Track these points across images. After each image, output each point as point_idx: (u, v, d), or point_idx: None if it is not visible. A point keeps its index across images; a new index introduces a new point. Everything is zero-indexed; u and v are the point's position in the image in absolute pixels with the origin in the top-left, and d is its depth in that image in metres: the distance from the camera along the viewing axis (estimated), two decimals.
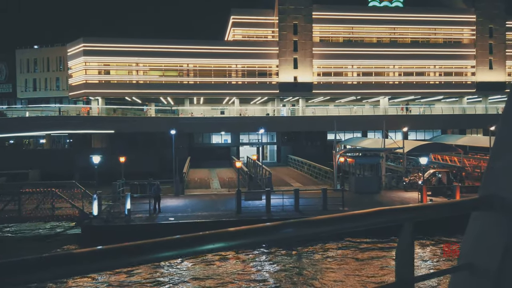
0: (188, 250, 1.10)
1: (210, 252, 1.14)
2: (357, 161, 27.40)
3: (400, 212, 1.53)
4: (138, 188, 26.50)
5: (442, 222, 17.95)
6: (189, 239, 1.10)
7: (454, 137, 46.35)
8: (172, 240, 1.08)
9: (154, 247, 1.05)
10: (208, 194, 27.38)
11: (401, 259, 1.53)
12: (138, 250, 1.04)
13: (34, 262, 0.94)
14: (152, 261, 1.07)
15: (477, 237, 1.73)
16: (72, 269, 0.98)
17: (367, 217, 1.46)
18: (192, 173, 38.02)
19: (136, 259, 1.05)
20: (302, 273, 15.93)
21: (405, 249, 1.52)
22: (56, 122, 43.33)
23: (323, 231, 1.39)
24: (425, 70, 52.92)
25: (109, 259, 1.02)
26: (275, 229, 1.26)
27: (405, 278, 1.50)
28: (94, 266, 1.01)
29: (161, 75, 48.14)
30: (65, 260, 0.97)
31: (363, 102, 57.43)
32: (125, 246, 1.03)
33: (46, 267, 0.95)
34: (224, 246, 1.15)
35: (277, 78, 49.47)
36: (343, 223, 1.41)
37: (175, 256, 1.09)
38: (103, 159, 35.57)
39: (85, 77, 46.88)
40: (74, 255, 0.99)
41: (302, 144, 48.76)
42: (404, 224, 1.53)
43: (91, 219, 20.04)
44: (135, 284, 14.83)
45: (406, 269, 1.51)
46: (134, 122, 44.00)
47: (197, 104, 55.27)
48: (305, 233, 1.32)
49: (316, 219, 1.35)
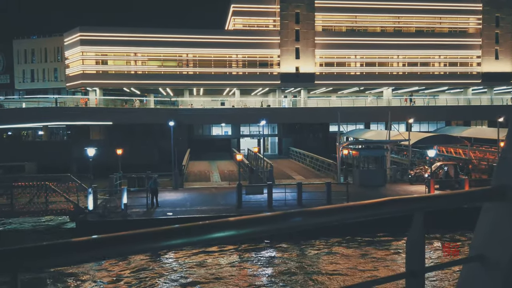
0: (197, 238, 1.11)
1: (218, 240, 1.14)
2: (361, 154, 26.58)
3: (411, 201, 1.51)
4: (136, 182, 25.73)
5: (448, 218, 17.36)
6: (198, 227, 1.11)
7: (459, 128, 45.48)
8: (182, 228, 1.09)
9: (166, 234, 1.07)
10: (208, 188, 26.63)
11: (411, 250, 1.52)
12: (150, 237, 1.06)
13: (59, 247, 0.99)
14: (164, 248, 1.08)
15: (489, 228, 1.71)
16: (84, 256, 1.03)
17: (378, 206, 1.43)
18: (192, 165, 37.27)
19: (148, 246, 1.06)
20: (307, 267, 15.56)
21: (416, 239, 1.50)
22: (53, 113, 42.47)
23: (332, 220, 1.36)
24: (430, 60, 51.79)
25: (121, 245, 1.04)
26: (283, 218, 1.25)
27: (415, 268, 1.49)
28: (103, 253, 1.04)
29: (160, 66, 47.11)
30: (80, 246, 1.01)
31: (366, 93, 56.42)
32: (138, 233, 1.05)
33: (70, 251, 1.00)
34: (233, 235, 1.15)
35: (279, 69, 48.43)
36: (353, 212, 1.39)
37: (185, 244, 1.10)
38: (101, 151, 34.95)
39: (82, 67, 45.88)
40: (81, 242, 1.02)
41: (303, 136, 47.95)
42: (415, 214, 1.51)
43: (86, 213, 19.32)
44: (134, 282, 14.16)
45: (417, 259, 1.50)
46: (132, 114, 43.15)
47: (197, 95, 54.32)
48: (314, 222, 1.31)
49: (325, 209, 1.34)
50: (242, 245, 17.72)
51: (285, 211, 1.27)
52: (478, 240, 1.74)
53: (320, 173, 31.85)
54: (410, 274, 1.51)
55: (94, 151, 20.28)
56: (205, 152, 43.74)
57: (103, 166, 28.03)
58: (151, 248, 1.08)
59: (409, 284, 1.52)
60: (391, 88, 52.39)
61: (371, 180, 25.77)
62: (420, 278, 1.51)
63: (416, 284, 1.51)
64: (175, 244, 1.11)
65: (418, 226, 1.52)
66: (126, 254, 1.08)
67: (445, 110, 49.82)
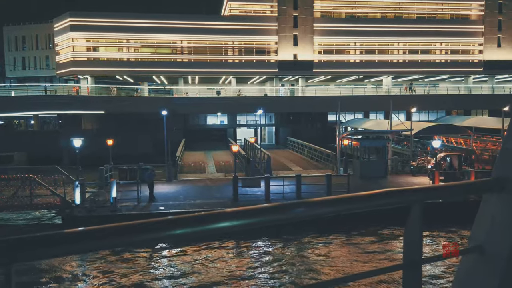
0: (201, 227, 1.12)
1: (223, 230, 1.16)
2: (362, 144, 25.58)
3: (411, 192, 1.50)
4: (127, 173, 24.64)
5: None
6: (202, 217, 1.13)
7: (460, 118, 44.55)
8: (187, 218, 1.11)
9: (172, 224, 1.09)
10: (202, 179, 25.62)
11: (409, 240, 1.52)
12: (158, 226, 1.07)
13: (56, 237, 1.00)
14: (170, 238, 1.10)
15: (489, 219, 1.69)
16: (82, 246, 1.04)
17: (378, 197, 1.44)
18: (187, 156, 36.20)
19: (151, 236, 1.07)
20: (305, 261, 15.30)
21: (414, 230, 1.50)
22: (42, 102, 41.04)
23: (334, 210, 1.38)
24: (431, 48, 50.54)
25: (128, 235, 1.04)
26: (287, 208, 1.27)
27: (413, 259, 1.50)
28: (111, 242, 1.06)
29: (153, 53, 45.56)
30: (86, 235, 1.02)
31: (365, 82, 55.23)
32: (144, 223, 1.06)
33: (78, 240, 1.01)
34: (237, 225, 1.16)
35: (276, 56, 47.04)
36: (353, 203, 1.40)
37: (190, 234, 1.11)
38: (93, 141, 33.80)
39: (73, 54, 44.27)
40: (78, 233, 1.02)
41: (301, 126, 46.90)
42: (414, 205, 1.50)
43: (73, 208, 18.25)
44: (132, 278, 13.21)
45: (414, 250, 1.51)
46: (125, 103, 41.81)
47: (192, 83, 52.92)
48: (316, 212, 1.32)
49: (327, 199, 1.36)
50: (240, 240, 16.90)
51: (288, 202, 1.28)
52: (478, 232, 1.72)
53: (319, 164, 30.90)
54: (407, 265, 1.51)
55: (80, 142, 19.09)
56: (200, 142, 42.66)
57: (95, 157, 26.95)
58: (154, 238, 1.07)
59: (406, 275, 1.52)
60: (391, 76, 51.22)
61: (372, 172, 24.85)
62: (418, 269, 1.51)
63: (413, 275, 1.51)
64: (179, 234, 1.09)
65: (416, 217, 1.50)
66: (130, 245, 1.06)
67: (446, 99, 48.80)
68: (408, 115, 44.53)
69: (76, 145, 18.91)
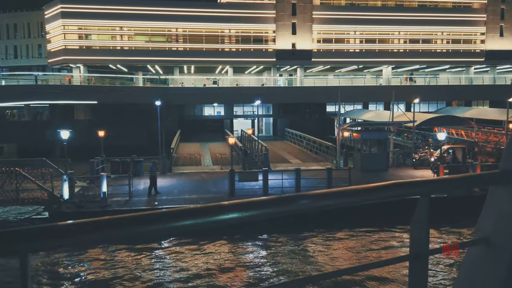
0: (203, 219, 1.13)
1: (225, 222, 1.15)
2: (363, 136, 24.71)
3: (418, 185, 1.51)
4: (120, 166, 23.71)
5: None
6: (205, 209, 1.14)
7: (461, 109, 43.73)
8: (190, 210, 1.13)
9: (175, 216, 1.10)
10: (198, 172, 24.71)
11: (415, 232, 1.52)
12: (160, 218, 1.08)
13: (70, 227, 1.02)
14: (172, 229, 1.10)
15: (495, 212, 1.69)
16: (93, 236, 1.04)
17: (384, 189, 1.43)
18: (182, 147, 35.25)
19: (157, 227, 1.08)
20: (307, 255, 14.98)
21: (421, 222, 1.51)
22: (33, 91, 39.76)
23: (338, 203, 1.37)
24: (432, 37, 49.46)
25: (131, 226, 1.05)
26: (291, 201, 1.27)
27: (419, 251, 1.51)
28: (112, 233, 1.06)
29: (147, 41, 44.22)
30: (89, 227, 1.03)
31: (364, 72, 54.17)
32: (148, 214, 1.08)
33: (80, 231, 1.03)
34: (239, 217, 1.16)
35: (274, 45, 45.83)
36: (359, 195, 1.39)
37: (193, 225, 1.11)
38: (86, 132, 32.71)
39: (64, 42, 42.85)
40: (90, 223, 1.04)
41: (300, 117, 45.95)
42: (420, 197, 1.51)
43: (61, 203, 17.33)
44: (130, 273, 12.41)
45: (421, 242, 1.51)
46: (118, 93, 40.61)
47: (188, 73, 51.66)
48: (319, 205, 1.31)
49: (332, 192, 1.34)
50: (237, 235, 16.13)
51: (295, 194, 1.28)
52: (484, 224, 1.72)
53: (318, 157, 30.05)
54: (414, 256, 1.51)
55: (68, 134, 18.07)
56: (196, 133, 41.66)
57: (87, 149, 25.96)
58: (160, 229, 1.08)
59: (412, 266, 1.53)
60: (391, 66, 50.17)
61: (373, 165, 24.04)
62: (424, 260, 1.51)
63: (420, 267, 1.51)
64: (183, 226, 1.10)
65: (423, 209, 1.50)
66: (136, 235, 1.07)
67: (447, 89, 47.88)
68: (408, 106, 43.75)
69: (63, 137, 17.88)
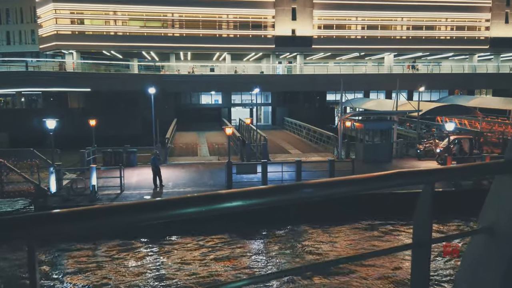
0: (207, 207, 1.14)
1: (228, 210, 1.16)
2: (366, 126, 23.69)
3: (423, 173, 1.50)
4: (112, 157, 22.69)
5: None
6: (208, 197, 1.15)
7: (465, 98, 42.70)
8: (194, 198, 1.14)
9: (179, 204, 1.11)
10: (194, 164, 23.72)
11: (419, 221, 1.52)
12: (164, 206, 1.10)
13: (77, 214, 1.03)
14: (178, 216, 1.11)
15: (500, 201, 1.68)
16: (99, 223, 1.05)
17: (389, 178, 1.42)
18: (178, 137, 34.19)
19: (161, 215, 1.09)
20: (310, 249, 14.23)
21: (424, 210, 1.51)
22: (24, 78, 38.39)
23: (343, 192, 1.37)
24: (436, 24, 48.06)
25: (134, 213, 1.06)
26: (295, 189, 1.27)
27: (422, 239, 1.51)
28: (117, 220, 1.07)
29: (142, 26, 42.70)
30: (96, 213, 1.04)
31: (365, 59, 52.86)
32: (152, 201, 1.09)
33: (87, 218, 1.03)
34: (242, 205, 1.17)
35: (273, 31, 44.40)
36: (363, 184, 1.38)
37: (196, 213, 1.12)
38: (79, 121, 31.55)
39: (56, 27, 41.32)
40: (96, 210, 1.05)
41: (299, 106, 44.82)
42: (424, 186, 1.51)
43: (47, 196, 16.37)
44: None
45: (424, 230, 1.51)
46: (112, 80, 39.31)
47: (184, 60, 50.23)
48: (324, 193, 1.32)
49: (336, 180, 1.34)
50: (235, 233, 15.25)
51: (296, 183, 1.26)
52: (488, 213, 1.71)
53: (319, 147, 29.09)
54: (417, 245, 1.52)
55: (54, 123, 17.00)
56: (193, 122, 40.55)
57: (81, 138, 24.90)
58: (164, 216, 1.09)
59: (415, 255, 1.53)
60: (393, 53, 48.88)
61: (377, 156, 23.08)
62: (427, 249, 1.52)
63: (422, 255, 1.52)
64: (186, 213, 1.11)
65: (427, 197, 1.50)
66: (140, 222, 1.07)
67: (451, 77, 46.76)
68: (410, 95, 42.64)
69: (49, 127, 16.82)
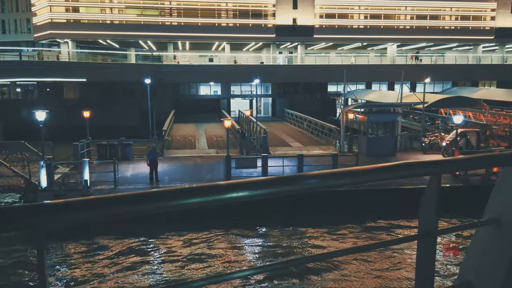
0: (212, 197, 1.14)
1: (233, 200, 1.17)
2: (370, 119, 22.88)
3: (429, 164, 1.47)
4: (107, 150, 21.92)
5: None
6: (213, 187, 1.15)
7: (469, 89, 41.83)
8: (198, 188, 1.14)
9: (184, 193, 1.12)
10: (192, 157, 22.96)
11: (425, 212, 1.52)
12: (170, 196, 1.10)
13: (84, 203, 1.04)
14: (182, 206, 1.12)
15: (506, 193, 1.67)
16: (105, 212, 1.06)
17: (396, 169, 1.40)
18: (176, 129, 33.38)
19: (167, 204, 1.10)
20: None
21: (430, 201, 1.51)
22: (18, 68, 37.42)
23: (347, 183, 1.35)
24: (440, 13, 46.94)
25: (140, 203, 1.08)
26: (300, 179, 1.27)
27: (428, 230, 1.51)
28: (123, 210, 1.07)
29: (139, 15, 41.58)
30: (102, 203, 1.05)
31: (368, 50, 51.80)
32: (157, 192, 1.10)
33: (93, 207, 1.05)
34: (247, 195, 1.17)
35: (274, 20, 43.29)
36: (370, 175, 1.36)
37: (201, 203, 1.13)
38: (73, 112, 30.71)
39: (50, 15, 40.19)
40: (102, 199, 1.05)
41: (300, 97, 43.92)
42: (431, 177, 1.51)
43: (38, 192, 15.64)
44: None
45: (430, 221, 1.51)
46: (108, 70, 38.33)
47: (183, 49, 49.16)
48: (329, 184, 1.32)
49: (341, 171, 1.33)
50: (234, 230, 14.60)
51: (301, 173, 1.28)
52: (495, 204, 1.70)
53: (320, 140, 28.33)
54: (422, 235, 1.51)
55: (44, 115, 16.18)
56: (191, 113, 39.68)
57: (77, 130, 24.13)
58: (170, 206, 1.10)
59: (421, 245, 1.53)
60: (396, 44, 47.83)
61: (380, 149, 22.33)
62: (433, 240, 1.51)
63: (428, 246, 1.51)
64: (191, 203, 1.12)
65: (433, 189, 1.50)
66: (149, 212, 1.09)
67: (456, 69, 45.78)
68: (413, 86, 41.75)
69: (39, 118, 16.01)
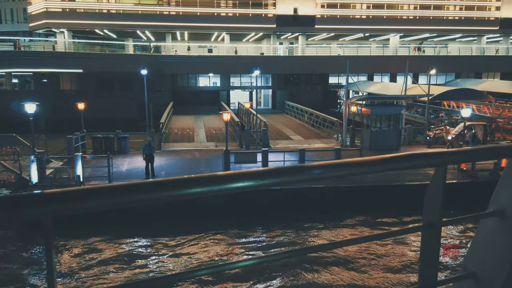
0: (218, 187, 1.15)
1: (238, 190, 1.17)
2: (373, 111, 22.20)
3: (435, 156, 1.47)
4: (102, 143, 21.27)
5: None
6: (218, 176, 1.16)
7: (473, 81, 41.04)
8: (204, 177, 1.14)
9: (188, 183, 1.11)
10: (190, 150, 22.32)
11: (430, 202, 1.52)
12: (173, 185, 1.10)
13: (95, 191, 1.04)
14: (186, 196, 1.11)
15: (511, 185, 1.66)
16: (113, 201, 1.06)
17: (402, 160, 1.40)
18: (174, 121, 32.70)
19: (176, 193, 1.11)
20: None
21: (435, 193, 1.51)
22: (12, 58, 36.56)
23: (352, 173, 1.36)
24: (444, 3, 45.90)
25: (144, 192, 1.07)
26: (306, 170, 1.27)
27: (432, 221, 1.50)
28: (126, 199, 1.06)
29: (136, 4, 40.54)
30: (112, 191, 1.05)
31: (370, 41, 50.82)
32: (161, 181, 1.10)
33: (103, 196, 1.05)
34: (252, 185, 1.18)
35: (274, 10, 42.29)
36: (376, 165, 1.35)
37: (206, 192, 1.13)
38: (69, 104, 29.97)
39: (45, 4, 39.19)
40: (112, 188, 1.05)
41: (300, 89, 43.14)
42: (437, 168, 1.51)
43: (28, 187, 15.02)
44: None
45: (434, 212, 1.50)
46: (105, 60, 37.46)
47: (181, 40, 48.19)
48: (333, 174, 1.31)
49: (345, 162, 1.33)
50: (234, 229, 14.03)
51: (306, 164, 1.28)
52: (500, 195, 1.69)
53: (321, 132, 27.69)
54: (426, 226, 1.50)
55: (34, 107, 15.48)
56: (190, 105, 38.97)
57: (74, 122, 23.47)
58: (180, 195, 1.10)
59: (425, 236, 1.52)
60: (399, 34, 46.87)
61: (384, 143, 21.69)
62: (437, 231, 1.51)
63: (432, 237, 1.51)
64: (198, 192, 1.12)
65: (438, 180, 1.50)
66: (158, 200, 1.09)
67: (460, 60, 44.91)
68: (416, 78, 40.95)
69: (28, 111, 15.32)
